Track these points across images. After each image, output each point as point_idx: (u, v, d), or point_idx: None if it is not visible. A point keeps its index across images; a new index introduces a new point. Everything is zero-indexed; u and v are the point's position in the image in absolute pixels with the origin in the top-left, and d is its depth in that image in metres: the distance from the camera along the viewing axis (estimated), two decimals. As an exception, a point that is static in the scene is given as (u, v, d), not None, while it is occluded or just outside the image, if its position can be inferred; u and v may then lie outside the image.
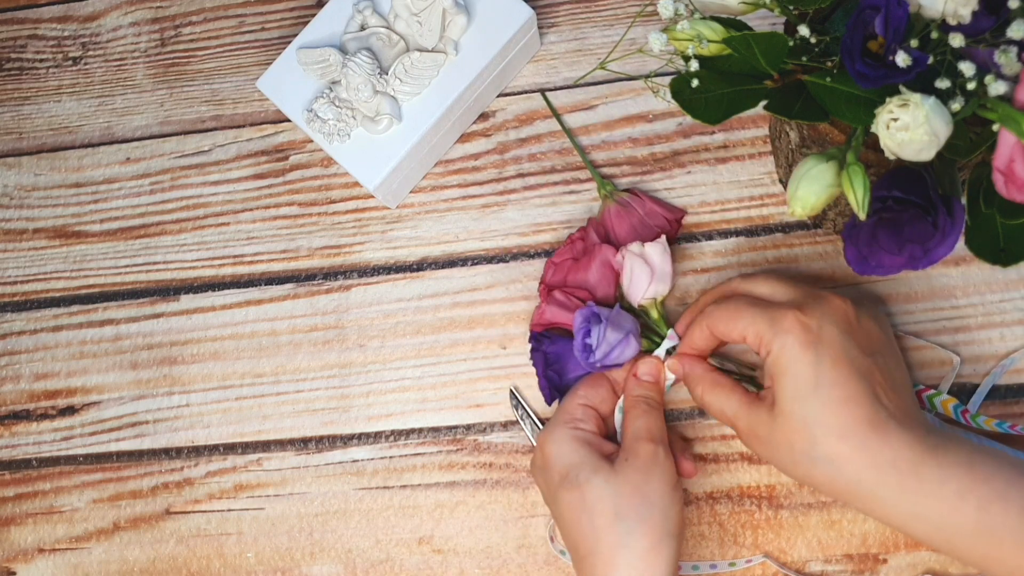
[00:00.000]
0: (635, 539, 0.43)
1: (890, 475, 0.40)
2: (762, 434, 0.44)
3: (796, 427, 0.42)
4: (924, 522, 0.40)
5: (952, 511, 0.39)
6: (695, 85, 0.38)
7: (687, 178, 0.56)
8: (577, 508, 0.45)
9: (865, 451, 0.40)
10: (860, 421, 0.41)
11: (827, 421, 0.41)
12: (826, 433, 0.41)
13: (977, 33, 0.33)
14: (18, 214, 0.64)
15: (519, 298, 0.56)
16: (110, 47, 0.66)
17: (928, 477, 0.40)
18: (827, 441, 0.41)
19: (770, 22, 0.57)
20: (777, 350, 0.43)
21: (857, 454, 0.41)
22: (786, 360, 0.42)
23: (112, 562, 0.57)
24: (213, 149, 0.62)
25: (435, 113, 0.55)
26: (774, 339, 0.43)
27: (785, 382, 0.42)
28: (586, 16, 0.60)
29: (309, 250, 0.60)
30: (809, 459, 0.42)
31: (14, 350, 0.61)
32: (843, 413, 0.41)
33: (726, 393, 0.46)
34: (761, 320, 0.44)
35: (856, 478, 0.41)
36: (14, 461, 0.60)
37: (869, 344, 0.44)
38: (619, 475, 0.45)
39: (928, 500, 0.40)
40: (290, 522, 0.56)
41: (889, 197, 0.36)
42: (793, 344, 0.42)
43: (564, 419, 0.48)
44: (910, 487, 0.40)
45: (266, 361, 0.58)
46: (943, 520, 0.40)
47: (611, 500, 0.44)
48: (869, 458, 0.40)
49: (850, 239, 0.40)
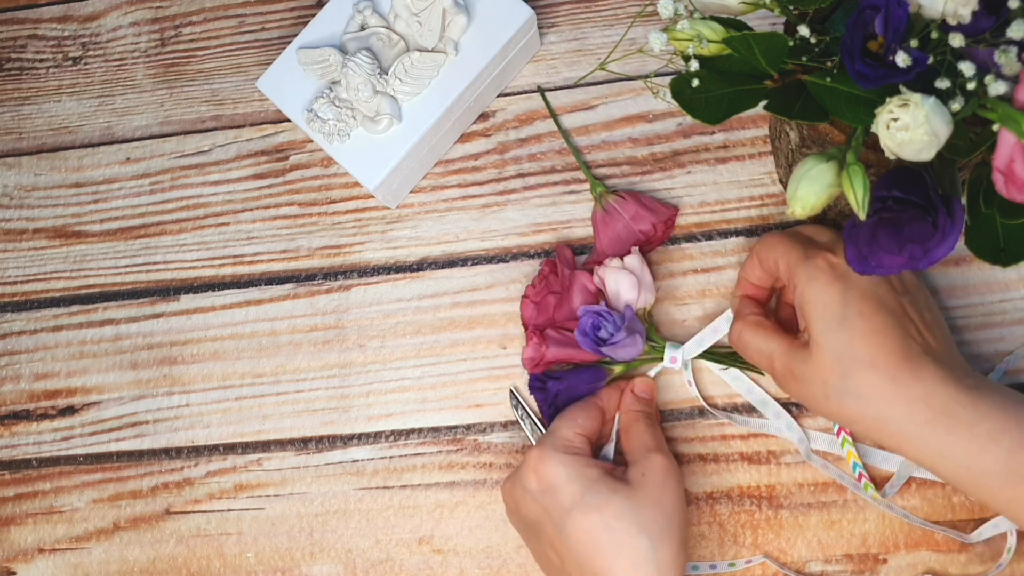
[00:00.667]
0: (658, 552, 0.43)
1: (921, 411, 0.40)
2: (797, 372, 0.44)
3: (827, 360, 0.42)
4: (952, 460, 0.40)
5: (982, 452, 0.39)
6: (695, 85, 0.38)
7: (687, 178, 0.56)
8: (596, 529, 0.43)
9: (895, 384, 0.40)
10: (890, 353, 0.41)
11: (856, 352, 0.41)
12: (856, 365, 0.41)
13: (977, 33, 0.33)
14: (18, 214, 0.64)
15: (519, 298, 0.56)
16: (110, 47, 0.66)
17: (960, 416, 0.40)
18: (857, 373, 0.41)
19: (770, 22, 0.57)
20: (804, 282, 0.43)
21: (887, 387, 0.41)
22: (813, 292, 0.43)
23: (112, 562, 0.57)
24: (213, 149, 0.62)
25: (435, 113, 0.55)
26: (802, 271, 0.43)
27: (813, 314, 0.43)
28: (586, 16, 0.60)
29: (309, 250, 0.60)
30: (839, 393, 0.42)
31: (14, 350, 0.61)
32: (872, 345, 0.41)
33: (766, 333, 0.46)
34: (794, 252, 0.45)
35: (885, 413, 0.41)
36: (14, 461, 0.60)
37: (900, 285, 0.44)
38: (638, 491, 0.45)
39: (958, 440, 0.40)
40: (290, 522, 0.56)
41: (889, 197, 0.36)
42: (819, 276, 0.43)
43: (560, 445, 0.47)
44: (941, 424, 0.40)
45: (266, 361, 0.58)
46: (972, 460, 0.39)
47: (633, 517, 0.44)
48: (899, 392, 0.40)
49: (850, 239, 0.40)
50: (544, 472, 0.46)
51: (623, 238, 0.53)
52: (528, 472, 0.46)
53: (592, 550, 0.43)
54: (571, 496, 0.44)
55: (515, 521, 0.49)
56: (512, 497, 0.48)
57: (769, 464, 0.52)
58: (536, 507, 0.46)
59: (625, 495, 0.44)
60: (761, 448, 0.52)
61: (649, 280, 0.52)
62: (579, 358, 0.52)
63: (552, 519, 0.45)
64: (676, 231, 0.56)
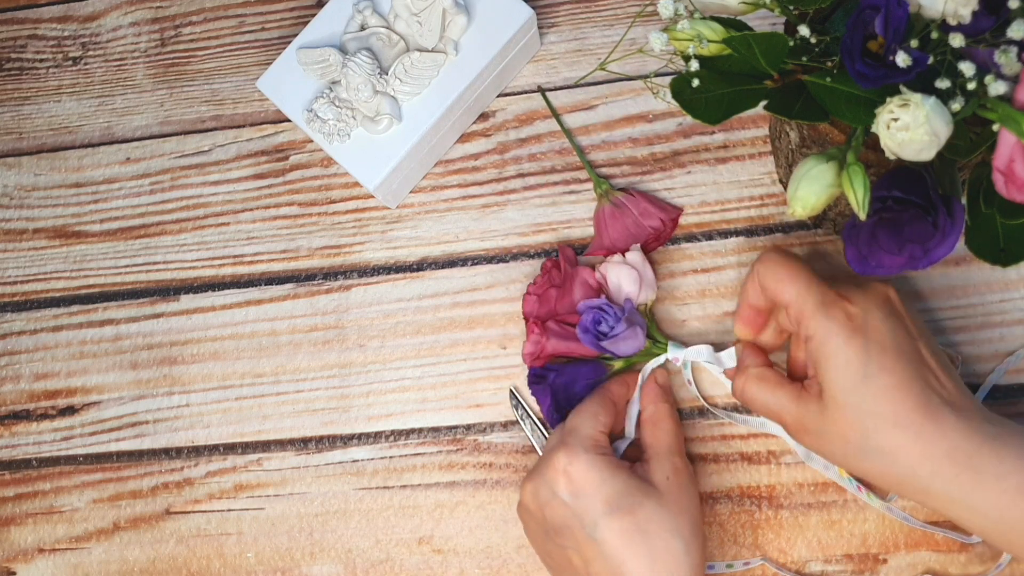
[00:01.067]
0: (691, 555, 0.43)
1: (946, 467, 0.39)
2: (812, 427, 0.42)
3: (848, 418, 0.41)
4: (981, 516, 0.39)
5: (1011, 506, 0.38)
6: (695, 85, 0.38)
7: (687, 178, 0.56)
8: (631, 532, 0.43)
9: (920, 441, 0.40)
10: (913, 409, 0.40)
11: (879, 410, 0.40)
12: (879, 423, 0.40)
13: (977, 33, 0.33)
14: (18, 214, 0.64)
15: (519, 298, 0.56)
16: (110, 47, 0.66)
17: (986, 470, 0.39)
18: (880, 432, 0.40)
19: (770, 22, 0.57)
20: (822, 336, 0.41)
21: (911, 445, 0.40)
22: (832, 348, 0.41)
23: (112, 562, 0.57)
24: (213, 149, 0.62)
25: (435, 113, 0.55)
26: (819, 324, 0.41)
27: (832, 371, 0.41)
28: (586, 16, 0.60)
29: (309, 250, 0.60)
30: (862, 451, 0.41)
31: (14, 350, 0.61)
32: (896, 401, 0.40)
33: (772, 387, 0.44)
34: (809, 298, 0.42)
35: (910, 471, 0.40)
36: (14, 461, 0.60)
37: (916, 329, 0.43)
38: (667, 495, 0.45)
39: (986, 494, 0.39)
40: (290, 522, 0.56)
41: (889, 197, 0.36)
42: (839, 332, 0.41)
43: (588, 445, 0.46)
44: (967, 480, 0.39)
45: (266, 361, 0.58)
46: (1001, 515, 0.39)
47: (666, 521, 0.44)
48: (924, 448, 0.39)
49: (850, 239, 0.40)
50: (576, 475, 0.45)
51: (632, 232, 0.53)
52: (557, 475, 0.45)
53: (628, 554, 0.43)
54: (604, 500, 0.44)
55: (533, 524, 0.47)
56: (536, 500, 0.46)
57: (769, 464, 0.52)
58: (565, 511, 0.45)
59: (656, 499, 0.44)
60: (761, 448, 0.52)
61: (651, 276, 0.52)
62: (579, 352, 0.52)
63: (584, 523, 0.44)
64: (676, 231, 0.56)
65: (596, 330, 0.50)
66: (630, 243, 0.53)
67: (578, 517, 0.44)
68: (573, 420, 0.48)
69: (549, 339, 0.52)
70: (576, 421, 0.48)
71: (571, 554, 0.45)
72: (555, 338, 0.52)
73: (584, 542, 0.44)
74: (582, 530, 0.44)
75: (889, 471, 0.41)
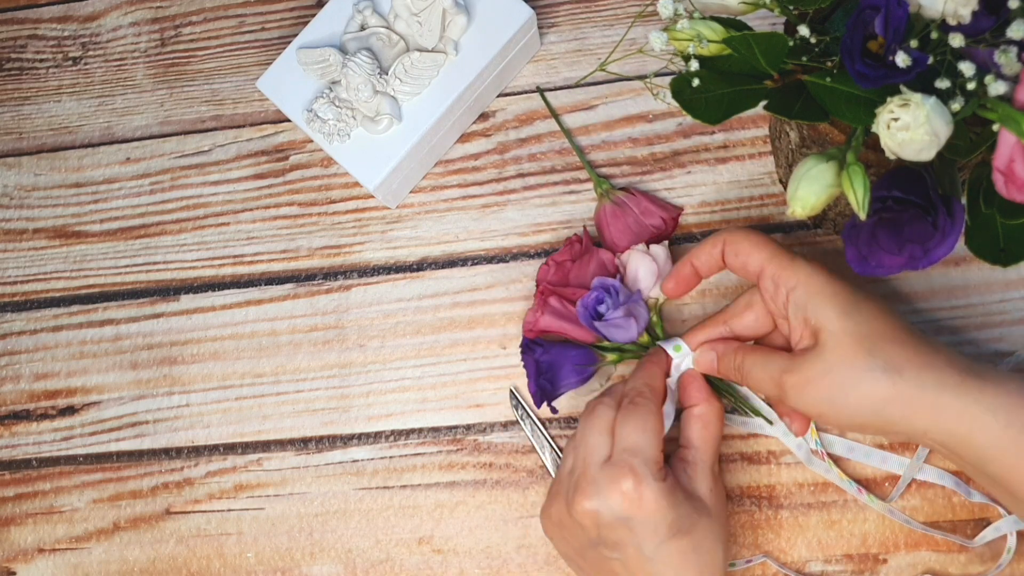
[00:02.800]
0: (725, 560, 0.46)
1: (951, 375, 0.40)
2: (814, 374, 0.42)
3: (849, 343, 0.41)
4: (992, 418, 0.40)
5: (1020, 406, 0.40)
6: (695, 85, 0.38)
7: (687, 178, 0.56)
8: (687, 552, 0.44)
9: (921, 354, 0.41)
10: (906, 328, 0.42)
11: (879, 329, 0.41)
12: (881, 340, 0.41)
13: (977, 33, 0.33)
14: (18, 214, 0.64)
15: (519, 298, 0.56)
16: (110, 47, 0.66)
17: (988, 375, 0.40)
18: (884, 347, 0.41)
19: (770, 22, 0.57)
20: (806, 277, 0.43)
21: (916, 357, 0.41)
22: (819, 284, 0.43)
23: (112, 562, 0.57)
24: (213, 149, 0.62)
25: (435, 113, 0.55)
26: (799, 269, 0.43)
27: (824, 304, 0.42)
28: (586, 16, 0.60)
29: (309, 250, 0.60)
30: (870, 371, 0.41)
31: (14, 350, 0.61)
32: (890, 321, 0.42)
33: (766, 354, 0.45)
34: (781, 255, 0.44)
35: (918, 381, 0.40)
36: (14, 461, 0.60)
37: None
38: (713, 508, 0.46)
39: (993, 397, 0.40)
40: (290, 522, 0.56)
41: (889, 197, 0.36)
42: (820, 270, 0.43)
43: (655, 471, 0.44)
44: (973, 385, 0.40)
45: (266, 361, 0.58)
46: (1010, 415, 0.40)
47: (716, 536, 0.45)
48: (927, 360, 0.41)
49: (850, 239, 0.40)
50: (645, 504, 0.44)
51: (634, 231, 0.53)
52: (622, 500, 0.44)
53: (679, 571, 0.44)
54: (667, 523, 0.44)
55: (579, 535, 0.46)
56: (594, 520, 0.45)
57: (769, 464, 0.52)
58: (626, 533, 0.44)
59: (707, 515, 0.45)
60: (761, 448, 0.52)
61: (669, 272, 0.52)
62: (573, 334, 0.52)
63: (644, 545, 0.44)
64: (676, 231, 0.56)
65: (595, 309, 0.50)
66: (632, 242, 0.53)
67: (639, 538, 0.44)
68: (633, 436, 0.45)
69: (543, 314, 0.52)
70: (639, 440, 0.45)
71: (615, 564, 0.45)
72: (550, 314, 0.52)
73: (636, 559, 0.44)
74: (639, 550, 0.44)
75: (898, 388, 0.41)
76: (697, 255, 0.47)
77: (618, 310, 0.49)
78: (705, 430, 0.47)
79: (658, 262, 0.51)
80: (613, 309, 0.49)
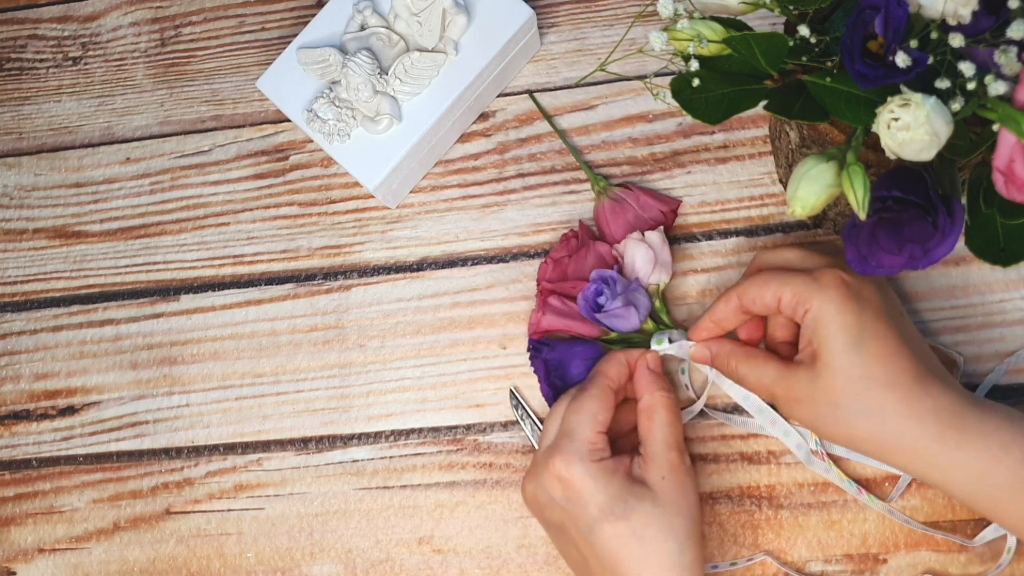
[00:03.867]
0: (684, 555, 0.44)
1: (932, 425, 0.40)
2: (802, 395, 0.43)
3: (839, 382, 0.42)
4: (965, 473, 0.40)
5: (995, 463, 0.39)
6: (695, 85, 0.38)
7: (687, 178, 0.56)
8: (624, 537, 0.44)
9: (907, 400, 0.41)
10: (903, 372, 0.41)
11: (872, 373, 0.41)
12: (872, 385, 0.41)
13: (977, 33, 0.33)
14: (18, 214, 0.64)
15: (519, 298, 0.56)
16: (110, 47, 0.66)
17: (970, 428, 0.40)
18: (872, 392, 0.41)
19: (770, 22, 0.57)
20: (819, 304, 0.42)
21: (901, 404, 0.41)
22: (830, 313, 0.42)
23: (112, 562, 0.57)
24: (213, 149, 0.62)
25: (435, 113, 0.55)
26: (815, 294, 0.43)
27: (829, 336, 0.42)
28: (586, 16, 0.60)
29: (309, 250, 0.60)
30: (852, 414, 0.42)
31: (14, 350, 0.61)
32: (888, 364, 0.41)
33: (761, 361, 0.46)
34: (798, 279, 0.43)
35: (898, 429, 0.41)
36: (14, 461, 0.60)
37: (899, 307, 0.45)
38: (662, 496, 0.44)
39: (969, 453, 0.40)
40: (290, 522, 0.56)
41: (889, 197, 0.36)
42: (835, 297, 0.42)
43: (584, 452, 0.45)
44: (952, 438, 0.40)
45: (266, 361, 0.58)
46: (984, 471, 0.40)
47: (660, 524, 0.44)
48: (911, 406, 0.41)
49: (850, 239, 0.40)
50: (571, 481, 0.44)
51: (634, 225, 0.53)
52: (552, 480, 0.45)
53: (621, 557, 0.43)
54: (598, 506, 0.44)
55: (539, 518, 0.48)
56: (536, 501, 0.47)
57: (769, 464, 0.52)
58: (561, 513, 0.45)
59: (651, 501, 0.44)
60: (761, 448, 0.52)
61: (667, 259, 0.52)
62: (576, 330, 0.52)
63: (579, 526, 0.45)
64: (676, 231, 0.56)
65: (595, 301, 0.50)
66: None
67: (574, 520, 0.45)
68: (570, 420, 0.46)
69: (545, 315, 0.52)
70: (573, 422, 0.46)
71: (572, 549, 0.46)
72: (552, 314, 0.52)
73: (581, 542, 0.45)
74: (578, 532, 0.45)
75: (876, 432, 0.41)
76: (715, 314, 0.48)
77: (616, 300, 0.49)
78: (650, 421, 0.47)
79: (654, 248, 0.52)
80: (612, 299, 0.50)
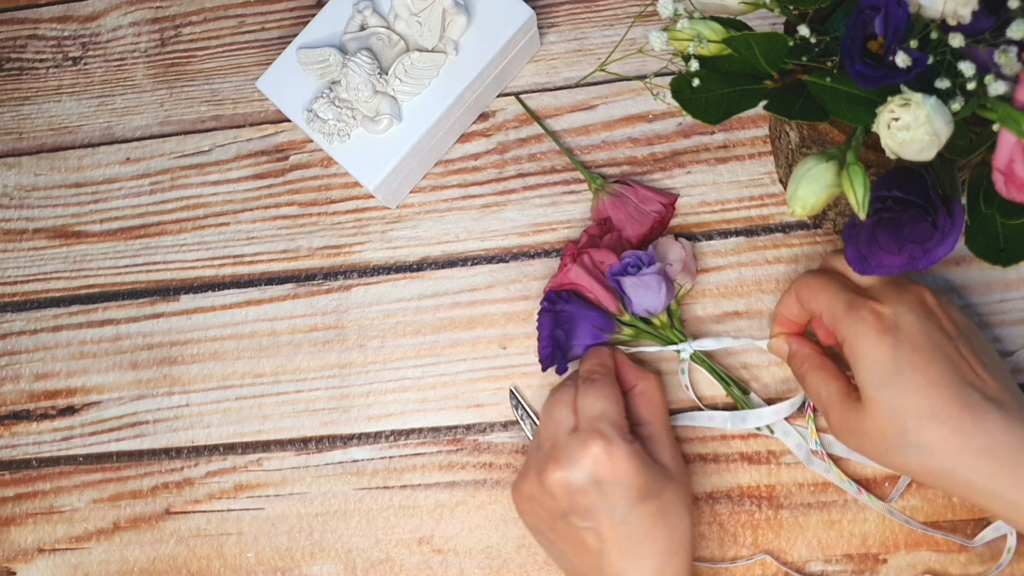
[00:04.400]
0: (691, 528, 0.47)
1: (987, 463, 0.40)
2: (853, 425, 0.43)
3: (883, 415, 0.41)
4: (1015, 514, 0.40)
5: None
6: (695, 85, 0.38)
7: (687, 178, 0.56)
8: (656, 515, 0.45)
9: (957, 434, 0.40)
10: (948, 403, 0.40)
11: (915, 406, 0.41)
12: (915, 418, 0.41)
13: (977, 33, 0.33)
14: (18, 214, 0.64)
15: (519, 298, 0.56)
16: (110, 47, 0.66)
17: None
18: (918, 426, 0.40)
19: (770, 22, 0.57)
20: (852, 338, 0.43)
21: (949, 438, 0.40)
22: (862, 348, 0.42)
23: (112, 562, 0.57)
24: (213, 149, 0.62)
25: (435, 113, 0.55)
26: (849, 327, 0.43)
27: (863, 370, 0.42)
28: (586, 16, 0.60)
29: (309, 250, 0.60)
30: (901, 447, 0.41)
31: (14, 350, 0.61)
32: (930, 396, 0.40)
33: (828, 378, 0.46)
34: (839, 303, 0.44)
35: (949, 465, 0.40)
36: (14, 461, 0.60)
37: (954, 328, 0.43)
38: (676, 474, 0.47)
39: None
40: (290, 522, 0.56)
41: (889, 197, 0.36)
42: (867, 332, 0.42)
43: (623, 434, 0.46)
44: (1010, 476, 0.39)
45: (266, 361, 0.58)
46: None
47: (681, 500, 0.46)
48: (962, 442, 0.40)
49: (850, 239, 0.40)
50: (617, 465, 0.45)
51: (636, 219, 0.54)
52: (593, 463, 0.45)
53: (650, 534, 0.45)
54: (637, 486, 0.45)
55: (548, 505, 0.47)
56: (565, 488, 0.46)
57: (769, 464, 0.52)
58: (597, 498, 0.45)
59: (672, 480, 0.47)
60: (761, 448, 0.52)
61: (693, 266, 0.53)
62: (597, 295, 0.52)
63: (616, 508, 0.45)
64: (676, 231, 0.56)
65: (626, 268, 0.50)
66: (636, 229, 0.53)
67: (610, 502, 0.45)
68: (598, 404, 0.47)
69: (573, 268, 0.52)
70: (602, 406, 0.47)
71: (586, 534, 0.46)
72: (581, 267, 0.52)
73: (608, 525, 0.45)
74: (610, 515, 0.45)
75: (929, 466, 0.41)
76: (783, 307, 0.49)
77: (651, 268, 0.50)
78: (650, 403, 0.50)
79: (686, 249, 0.53)
80: (645, 268, 0.50)
